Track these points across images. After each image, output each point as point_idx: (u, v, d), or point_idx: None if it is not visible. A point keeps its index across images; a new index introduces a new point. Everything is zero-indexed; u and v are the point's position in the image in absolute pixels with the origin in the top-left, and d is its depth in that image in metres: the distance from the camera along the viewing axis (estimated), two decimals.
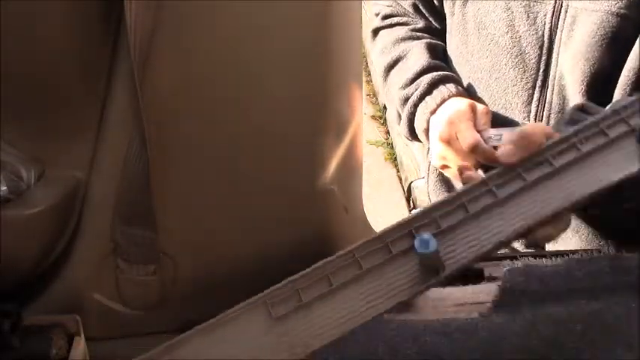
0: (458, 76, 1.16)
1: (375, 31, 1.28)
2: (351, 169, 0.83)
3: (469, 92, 1.14)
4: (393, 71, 1.21)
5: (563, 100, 1.07)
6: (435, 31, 1.23)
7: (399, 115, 1.18)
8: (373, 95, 3.75)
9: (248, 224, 0.80)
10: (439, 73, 1.13)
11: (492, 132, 1.04)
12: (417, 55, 1.17)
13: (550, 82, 1.07)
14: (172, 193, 0.76)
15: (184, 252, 0.81)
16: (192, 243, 0.80)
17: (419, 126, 1.12)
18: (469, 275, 0.93)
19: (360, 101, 0.82)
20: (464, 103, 1.07)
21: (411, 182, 3.01)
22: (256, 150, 0.76)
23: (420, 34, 1.22)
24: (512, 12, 1.07)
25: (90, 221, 0.78)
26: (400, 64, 1.20)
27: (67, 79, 0.70)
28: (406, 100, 1.14)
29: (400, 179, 3.18)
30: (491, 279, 0.92)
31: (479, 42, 1.12)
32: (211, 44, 0.70)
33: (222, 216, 0.79)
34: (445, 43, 1.22)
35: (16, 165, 0.72)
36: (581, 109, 0.92)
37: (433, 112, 1.09)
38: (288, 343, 0.68)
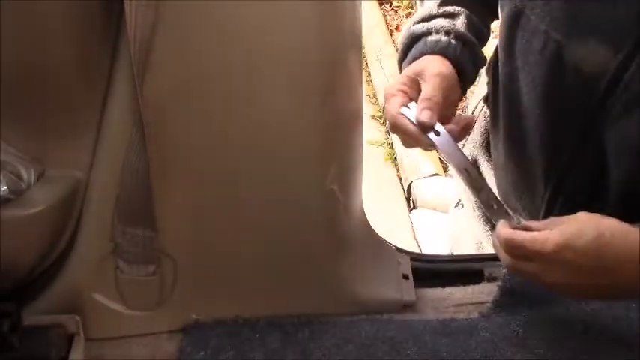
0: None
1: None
2: (351, 169, 0.83)
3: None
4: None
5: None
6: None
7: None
8: (373, 95, 3.75)
9: (248, 224, 0.80)
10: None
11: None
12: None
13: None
14: (172, 192, 0.76)
15: (184, 252, 0.81)
16: (192, 243, 0.80)
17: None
18: (469, 275, 0.94)
19: (361, 101, 0.82)
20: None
21: (411, 182, 3.01)
22: (256, 150, 0.76)
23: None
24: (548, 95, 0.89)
25: (90, 221, 0.78)
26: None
27: (67, 79, 0.70)
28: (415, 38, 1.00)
29: (400, 179, 3.18)
30: (491, 279, 0.92)
31: (509, 115, 0.97)
32: (211, 44, 0.70)
33: (222, 216, 0.79)
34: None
35: (16, 165, 0.71)
36: None
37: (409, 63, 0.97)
38: None
